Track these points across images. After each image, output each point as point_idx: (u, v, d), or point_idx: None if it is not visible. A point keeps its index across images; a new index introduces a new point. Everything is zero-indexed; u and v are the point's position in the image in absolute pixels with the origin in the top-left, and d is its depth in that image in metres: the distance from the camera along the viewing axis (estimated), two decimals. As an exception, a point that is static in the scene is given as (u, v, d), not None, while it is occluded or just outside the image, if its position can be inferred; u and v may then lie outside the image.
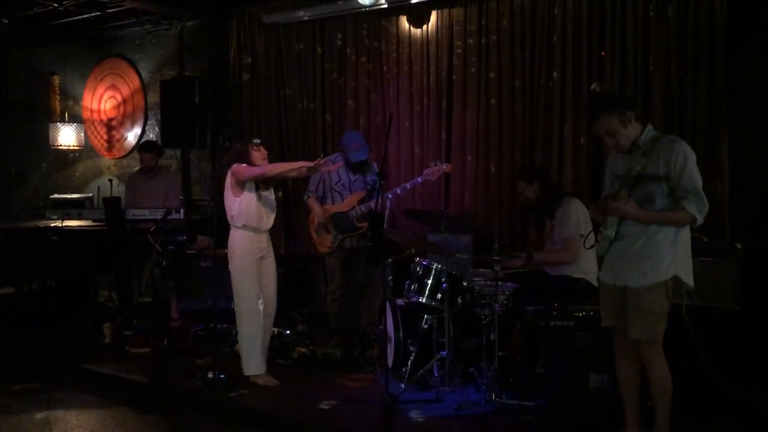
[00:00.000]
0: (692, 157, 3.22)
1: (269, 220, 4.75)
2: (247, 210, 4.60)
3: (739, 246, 4.27)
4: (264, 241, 4.74)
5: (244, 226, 4.62)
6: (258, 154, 4.64)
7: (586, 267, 4.44)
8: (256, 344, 4.61)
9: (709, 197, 3.29)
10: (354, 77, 6.47)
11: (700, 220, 3.22)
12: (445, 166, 5.15)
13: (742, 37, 4.75)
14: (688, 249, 3.35)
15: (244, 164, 4.57)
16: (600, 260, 3.60)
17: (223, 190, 4.68)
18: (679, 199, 3.21)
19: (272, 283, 4.81)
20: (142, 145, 6.91)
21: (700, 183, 3.22)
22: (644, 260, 3.27)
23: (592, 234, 3.76)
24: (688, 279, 3.33)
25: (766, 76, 4.68)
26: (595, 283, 4.32)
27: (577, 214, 4.48)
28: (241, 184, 4.58)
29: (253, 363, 4.62)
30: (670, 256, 3.27)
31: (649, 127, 3.35)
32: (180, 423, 4.38)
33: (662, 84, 4.99)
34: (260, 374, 4.65)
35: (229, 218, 4.68)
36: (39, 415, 4.43)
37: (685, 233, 3.33)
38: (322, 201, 5.37)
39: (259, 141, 4.73)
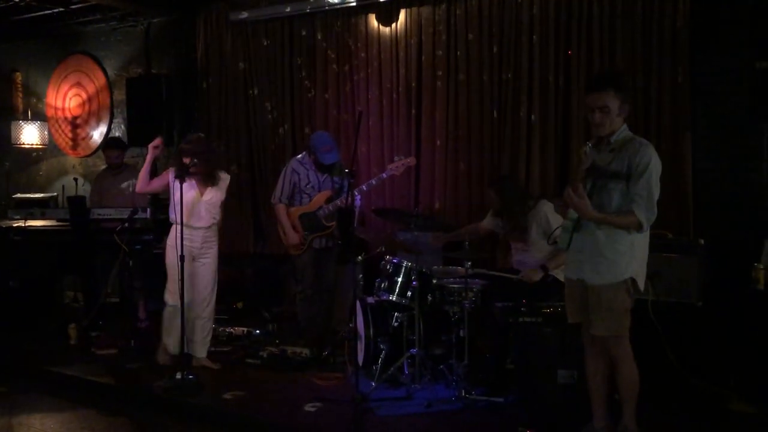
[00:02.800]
0: (656, 166, 3.23)
1: (199, 216, 4.83)
2: (174, 204, 4.72)
3: (702, 242, 4.35)
4: (197, 240, 4.83)
5: (174, 220, 4.77)
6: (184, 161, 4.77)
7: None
8: (168, 332, 4.90)
9: (673, 195, 3.34)
10: (323, 75, 6.45)
11: (645, 227, 3.24)
12: (409, 160, 5.15)
13: (704, 38, 4.84)
14: (646, 252, 3.37)
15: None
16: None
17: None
18: (629, 202, 3.22)
19: (202, 284, 4.87)
20: (106, 143, 6.81)
21: (656, 192, 3.22)
22: (602, 258, 3.29)
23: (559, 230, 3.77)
24: (641, 283, 3.34)
25: (728, 77, 4.77)
26: (562, 279, 4.38)
27: (550, 215, 4.48)
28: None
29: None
30: (628, 257, 3.29)
31: (625, 126, 3.35)
32: (147, 425, 4.33)
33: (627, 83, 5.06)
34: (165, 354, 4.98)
35: None
36: (1, 420, 4.34)
37: (644, 236, 3.34)
38: (290, 202, 5.33)
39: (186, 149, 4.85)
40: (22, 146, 8.19)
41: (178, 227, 4.63)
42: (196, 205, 4.82)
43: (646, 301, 4.01)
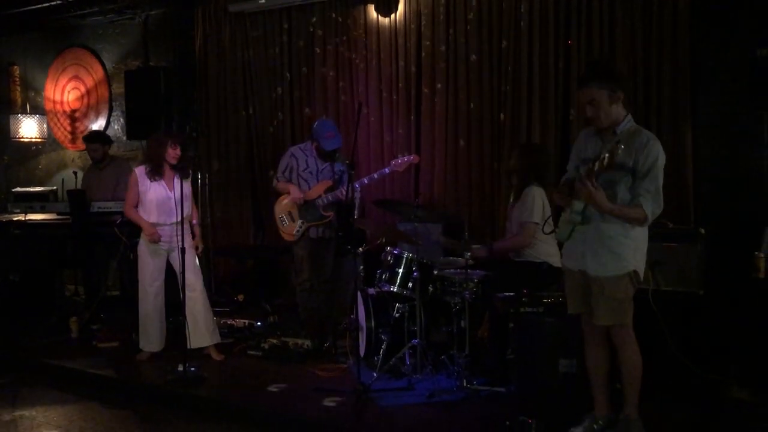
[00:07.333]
0: (662, 160, 3.22)
1: (165, 214, 4.89)
2: (142, 203, 4.95)
3: (703, 231, 4.35)
4: (166, 235, 4.90)
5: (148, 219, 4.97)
6: (172, 153, 4.89)
7: (547, 250, 4.47)
8: (147, 323, 5.02)
9: (673, 183, 3.32)
10: (322, 66, 6.44)
11: (649, 221, 3.24)
12: (412, 158, 5.14)
13: (705, 27, 4.82)
14: (646, 242, 3.36)
15: (134, 184, 4.94)
16: (560, 245, 3.63)
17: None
18: (637, 196, 3.20)
19: (191, 274, 4.87)
20: (85, 137, 6.74)
21: (661, 185, 3.21)
22: (606, 251, 3.28)
23: (551, 220, 3.76)
24: (641, 272, 3.34)
25: (729, 64, 4.76)
26: (558, 265, 4.38)
27: (533, 200, 4.48)
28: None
29: (144, 338, 5.05)
30: (632, 249, 3.28)
31: (630, 116, 3.33)
32: (150, 417, 4.32)
33: (627, 72, 5.04)
34: (144, 351, 5.03)
35: None
36: (4, 413, 4.35)
37: (644, 228, 3.33)
38: (288, 189, 5.32)
39: (178, 138, 4.95)
40: (21, 140, 8.18)
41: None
42: (167, 201, 4.88)
43: (647, 290, 4.01)
